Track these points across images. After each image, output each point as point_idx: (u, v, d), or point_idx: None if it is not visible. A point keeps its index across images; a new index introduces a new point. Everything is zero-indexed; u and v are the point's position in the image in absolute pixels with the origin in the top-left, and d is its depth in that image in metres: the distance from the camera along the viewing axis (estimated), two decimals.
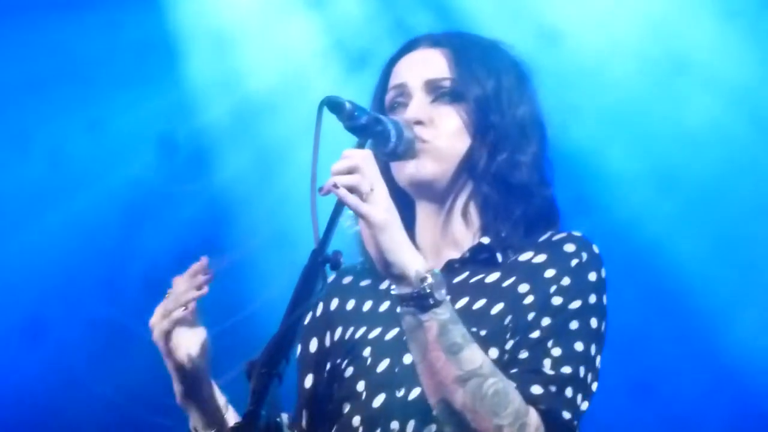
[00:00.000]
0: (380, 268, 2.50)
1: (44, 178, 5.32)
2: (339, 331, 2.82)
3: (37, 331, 5.30)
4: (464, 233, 2.81)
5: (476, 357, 2.49)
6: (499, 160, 2.78)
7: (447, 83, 2.82)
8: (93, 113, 5.31)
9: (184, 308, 2.72)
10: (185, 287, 2.72)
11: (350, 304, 2.84)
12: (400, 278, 2.48)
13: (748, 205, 4.88)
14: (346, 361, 2.75)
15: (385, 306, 2.79)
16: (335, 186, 2.44)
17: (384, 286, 2.82)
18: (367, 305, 2.82)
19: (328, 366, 2.79)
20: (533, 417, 2.54)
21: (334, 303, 2.87)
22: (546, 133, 2.87)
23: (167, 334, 2.73)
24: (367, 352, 2.73)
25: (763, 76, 4.89)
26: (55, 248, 5.30)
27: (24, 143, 5.34)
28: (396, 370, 2.67)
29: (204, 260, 2.74)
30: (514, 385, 2.54)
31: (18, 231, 5.31)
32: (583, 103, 4.93)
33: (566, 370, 2.59)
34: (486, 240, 2.77)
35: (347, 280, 2.90)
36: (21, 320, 5.32)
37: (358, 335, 2.77)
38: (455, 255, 2.79)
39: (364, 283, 2.86)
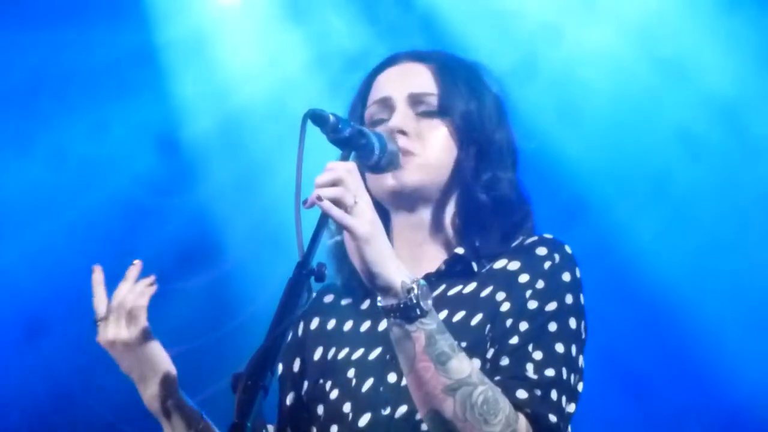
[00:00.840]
0: (365, 280, 2.50)
1: (45, 181, 5.32)
2: (320, 351, 2.81)
3: (33, 333, 5.30)
4: (440, 245, 2.82)
5: (464, 366, 2.50)
6: (483, 173, 2.80)
7: (432, 99, 2.82)
8: (89, 120, 5.32)
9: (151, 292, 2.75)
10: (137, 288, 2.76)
11: (331, 324, 2.83)
12: (385, 290, 2.48)
13: (737, 211, 4.91)
14: (330, 383, 2.74)
15: (366, 326, 2.79)
16: (319, 198, 2.44)
17: (365, 306, 2.82)
18: (348, 325, 2.81)
19: (309, 385, 2.78)
20: (522, 423, 2.54)
21: (315, 322, 2.86)
22: (518, 159, 2.88)
23: (135, 320, 2.74)
24: (351, 373, 2.72)
25: (758, 86, 4.92)
26: (54, 250, 5.30)
27: (26, 145, 5.34)
28: (381, 389, 2.67)
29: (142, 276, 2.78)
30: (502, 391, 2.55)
31: (18, 232, 5.31)
32: (578, 107, 4.96)
33: (549, 372, 2.60)
34: (460, 250, 2.78)
35: (328, 299, 2.89)
36: (19, 319, 5.31)
37: (340, 356, 2.76)
38: (431, 268, 2.79)
39: (345, 302, 2.86)
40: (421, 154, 2.76)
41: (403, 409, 2.62)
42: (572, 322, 2.66)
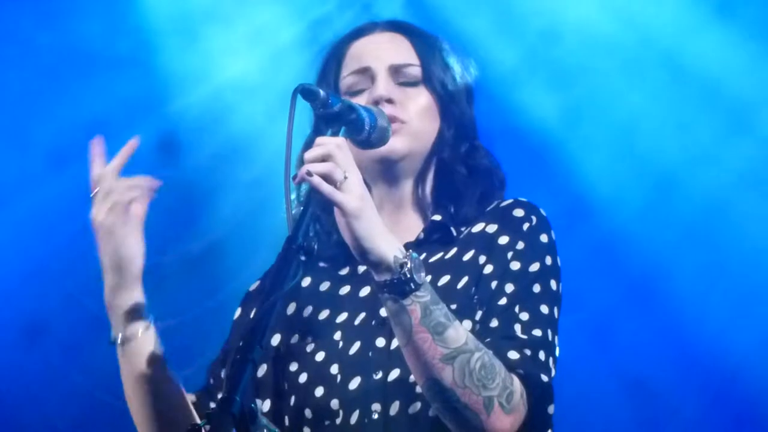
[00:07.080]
0: (357, 256, 2.50)
1: (43, 176, 5.29)
2: (293, 305, 2.81)
3: (26, 321, 5.28)
4: (418, 215, 2.86)
5: (460, 333, 2.52)
6: (462, 143, 2.86)
7: (413, 69, 2.87)
8: (76, 103, 5.29)
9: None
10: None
11: (305, 281, 2.84)
12: (377, 265, 2.49)
13: (721, 187, 4.93)
14: (312, 344, 2.75)
15: (345, 290, 2.80)
16: (309, 174, 2.43)
17: (344, 272, 2.84)
18: (324, 286, 2.82)
19: (282, 339, 2.78)
20: (517, 383, 2.57)
21: None
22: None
23: (125, 207, 2.69)
24: (337, 336, 2.73)
25: (749, 75, 4.94)
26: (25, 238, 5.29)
27: (21, 136, 5.31)
28: (369, 353, 2.68)
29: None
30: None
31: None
32: (571, 99, 4.99)
33: (537, 333, 2.64)
34: (438, 217, 2.82)
35: (303, 258, 2.89)
36: (13, 308, 5.30)
37: (321, 317, 2.78)
38: (410, 238, 2.81)
39: (322, 264, 2.87)
40: (409, 122, 2.80)
41: (396, 373, 2.64)
42: (553, 284, 2.72)
